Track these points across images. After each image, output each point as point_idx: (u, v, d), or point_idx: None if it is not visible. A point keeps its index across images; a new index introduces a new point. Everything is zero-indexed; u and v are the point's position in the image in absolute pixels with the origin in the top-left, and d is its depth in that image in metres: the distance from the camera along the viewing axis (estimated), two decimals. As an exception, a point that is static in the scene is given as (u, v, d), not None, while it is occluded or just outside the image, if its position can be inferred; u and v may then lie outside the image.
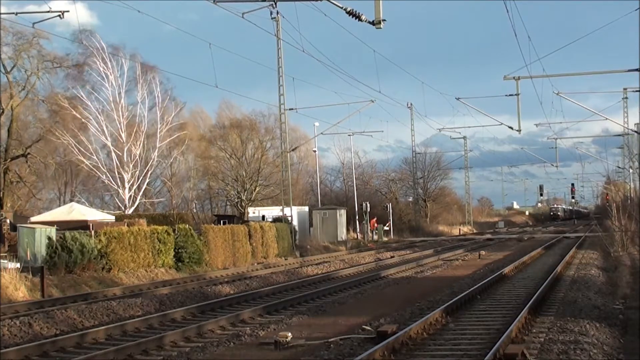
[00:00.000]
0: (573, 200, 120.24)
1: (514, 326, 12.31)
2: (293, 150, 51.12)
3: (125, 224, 29.26)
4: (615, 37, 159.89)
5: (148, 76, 43.02)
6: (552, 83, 39.89)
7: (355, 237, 54.13)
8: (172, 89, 49.55)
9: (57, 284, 21.85)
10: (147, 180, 42.63)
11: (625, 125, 48.45)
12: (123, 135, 40.32)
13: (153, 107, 43.48)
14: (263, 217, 46.21)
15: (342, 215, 51.99)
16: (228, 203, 64.34)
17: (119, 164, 40.07)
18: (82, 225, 29.73)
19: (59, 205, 48.67)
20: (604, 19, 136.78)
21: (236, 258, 32.06)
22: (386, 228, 58.23)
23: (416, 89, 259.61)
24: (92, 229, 27.78)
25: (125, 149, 40.27)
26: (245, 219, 46.58)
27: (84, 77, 44.31)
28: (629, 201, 41.31)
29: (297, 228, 42.88)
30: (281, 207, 43.94)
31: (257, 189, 58.33)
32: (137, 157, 40.57)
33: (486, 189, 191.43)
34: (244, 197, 57.76)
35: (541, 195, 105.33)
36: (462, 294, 17.03)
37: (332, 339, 12.45)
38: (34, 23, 28.56)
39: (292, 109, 44.05)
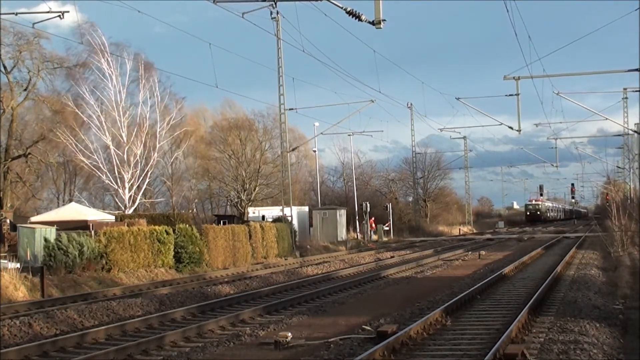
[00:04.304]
0: (573, 200, 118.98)
1: (514, 326, 12.30)
2: (293, 150, 51.13)
3: (125, 224, 29.25)
4: (615, 37, 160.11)
5: (147, 75, 42.95)
6: (552, 83, 39.90)
7: (355, 237, 54.13)
8: (171, 87, 49.48)
9: (57, 284, 21.86)
10: (147, 180, 42.59)
11: (625, 125, 48.46)
12: (124, 135, 40.29)
13: (154, 106, 43.44)
14: (263, 217, 46.21)
15: (342, 215, 51.98)
16: (228, 203, 64.35)
17: (119, 164, 40.03)
18: (82, 225, 29.72)
19: (59, 205, 48.70)
20: (604, 19, 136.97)
21: (236, 258, 32.06)
22: (386, 228, 58.23)
23: (416, 89, 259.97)
24: (92, 229, 27.79)
25: (126, 149, 40.24)
26: (245, 219, 46.58)
27: (85, 76, 44.29)
28: (629, 201, 41.29)
29: (297, 228, 42.87)
30: (281, 207, 43.94)
31: (257, 189, 58.33)
32: (138, 157, 40.51)
33: (484, 189, 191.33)
34: (243, 197, 57.76)
35: (541, 195, 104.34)
36: (462, 294, 17.03)
37: (332, 339, 12.45)
38: (34, 23, 28.61)
39: (292, 109, 44.09)
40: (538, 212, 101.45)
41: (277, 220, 40.92)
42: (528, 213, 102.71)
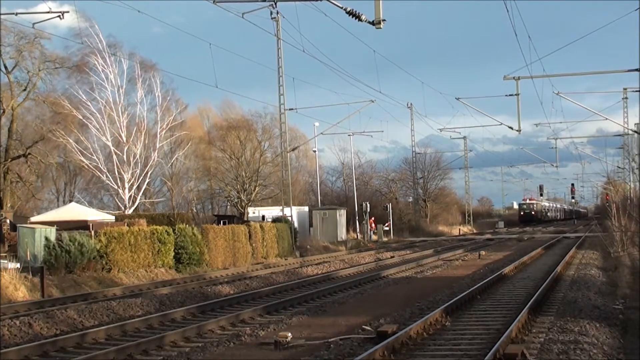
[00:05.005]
0: (573, 200, 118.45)
1: (514, 326, 12.30)
2: (293, 150, 51.12)
3: (125, 224, 29.25)
4: (615, 37, 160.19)
5: (148, 75, 42.99)
6: (552, 83, 39.92)
7: (355, 237, 54.13)
8: (174, 90, 49.63)
9: (57, 284, 21.86)
10: (147, 181, 42.62)
11: (625, 125, 48.44)
12: (123, 135, 40.32)
13: (155, 107, 43.53)
14: (263, 217, 46.20)
15: (342, 215, 51.97)
16: (228, 203, 64.36)
17: (119, 164, 40.06)
18: (82, 225, 29.73)
19: (59, 205, 48.73)
20: (604, 19, 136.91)
21: (236, 258, 32.06)
22: (386, 228, 58.23)
23: (416, 89, 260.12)
24: (92, 229, 27.78)
25: (126, 149, 40.26)
26: (245, 219, 46.58)
27: (84, 75, 44.30)
28: (629, 201, 41.28)
29: (297, 228, 42.86)
30: (281, 207, 43.93)
31: (257, 189, 58.33)
32: (138, 157, 40.54)
33: (484, 189, 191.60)
34: (243, 197, 57.76)
35: (541, 195, 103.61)
36: (462, 294, 17.03)
37: (332, 339, 12.45)
38: (34, 23, 28.63)
39: (292, 109, 44.10)
40: (533, 212, 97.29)
41: (277, 220, 40.93)
42: (522, 213, 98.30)
